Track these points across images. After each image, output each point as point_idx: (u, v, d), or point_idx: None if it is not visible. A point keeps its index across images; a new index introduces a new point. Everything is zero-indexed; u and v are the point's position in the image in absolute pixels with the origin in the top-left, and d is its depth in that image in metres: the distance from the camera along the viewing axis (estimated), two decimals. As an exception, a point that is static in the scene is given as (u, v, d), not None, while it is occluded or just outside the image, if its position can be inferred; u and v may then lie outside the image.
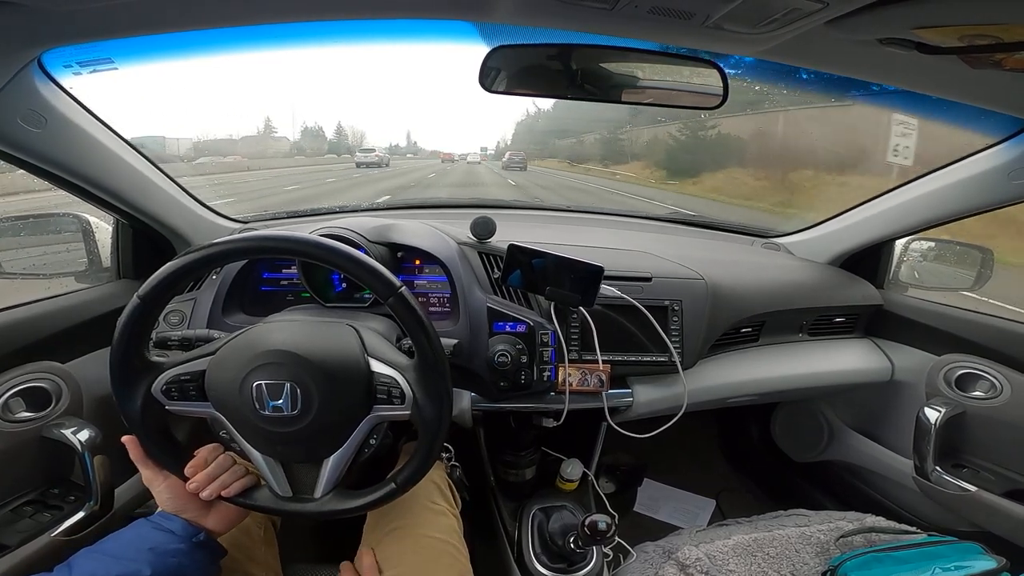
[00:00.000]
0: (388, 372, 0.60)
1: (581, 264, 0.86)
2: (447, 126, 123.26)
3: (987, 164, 0.97)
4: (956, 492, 0.99)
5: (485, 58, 0.71)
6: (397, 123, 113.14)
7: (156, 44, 0.69)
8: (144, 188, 0.95)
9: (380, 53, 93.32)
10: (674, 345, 0.95)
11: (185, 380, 0.60)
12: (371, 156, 20.54)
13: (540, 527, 0.97)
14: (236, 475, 0.63)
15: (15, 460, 0.74)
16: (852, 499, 1.34)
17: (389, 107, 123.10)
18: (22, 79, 0.68)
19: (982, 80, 0.67)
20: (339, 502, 0.63)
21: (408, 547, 0.72)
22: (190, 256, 0.57)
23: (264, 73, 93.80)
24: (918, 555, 0.78)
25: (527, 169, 19.46)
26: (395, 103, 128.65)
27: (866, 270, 1.29)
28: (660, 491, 1.60)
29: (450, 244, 0.95)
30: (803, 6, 0.52)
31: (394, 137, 68.53)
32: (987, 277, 1.19)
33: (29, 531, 0.70)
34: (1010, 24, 0.51)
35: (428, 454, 0.62)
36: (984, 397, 1.04)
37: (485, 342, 0.89)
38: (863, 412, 1.32)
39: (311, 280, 0.88)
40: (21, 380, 0.76)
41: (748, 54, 0.68)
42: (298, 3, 0.63)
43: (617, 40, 0.69)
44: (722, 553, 0.84)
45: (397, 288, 0.57)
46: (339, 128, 43.68)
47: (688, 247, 1.28)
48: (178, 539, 0.58)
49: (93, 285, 0.98)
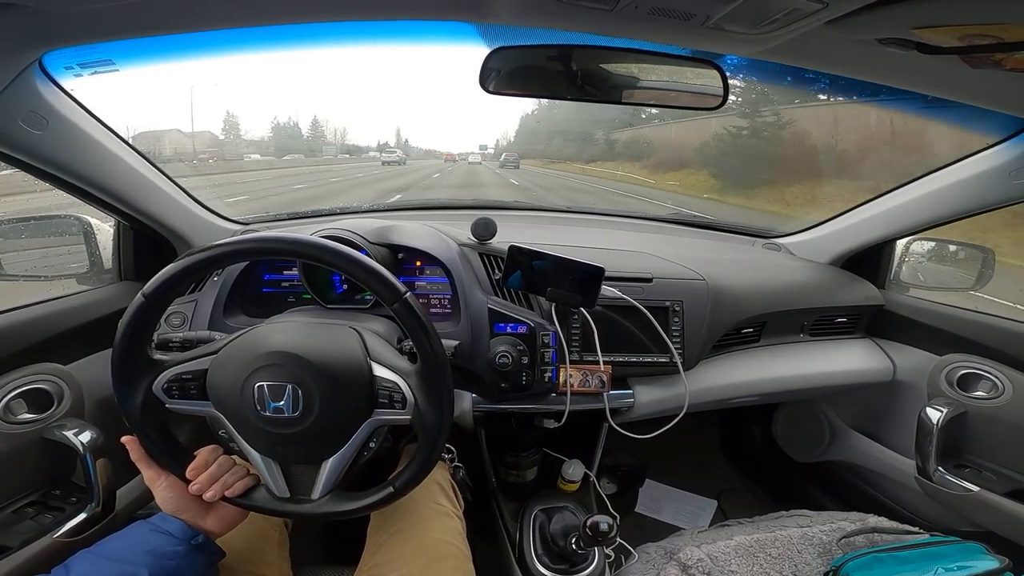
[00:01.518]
0: (390, 376, 0.60)
1: (582, 265, 0.86)
2: (447, 126, 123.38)
3: (988, 164, 0.97)
4: (958, 492, 0.99)
5: (485, 59, 0.71)
6: (397, 124, 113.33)
7: (157, 46, 0.69)
8: (145, 190, 0.95)
9: (379, 54, 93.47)
10: (675, 346, 0.95)
11: (186, 379, 0.60)
12: (393, 156, 27.17)
13: (541, 528, 0.97)
14: (238, 475, 0.63)
15: (17, 461, 0.74)
16: (854, 499, 1.34)
17: (388, 107, 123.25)
18: (23, 81, 0.68)
19: (982, 80, 0.67)
20: (337, 504, 0.62)
21: (413, 549, 0.72)
22: (196, 256, 0.57)
23: (262, 73, 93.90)
24: (920, 555, 0.78)
25: (519, 167, 22.57)
26: (394, 104, 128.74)
27: (867, 270, 1.29)
28: (662, 492, 1.59)
29: (451, 245, 0.95)
30: (803, 6, 0.52)
31: (394, 137, 69.16)
32: (988, 277, 1.18)
33: (31, 532, 0.71)
34: (1010, 24, 0.51)
35: (428, 458, 0.61)
36: (986, 397, 1.04)
37: (486, 343, 0.89)
38: (865, 412, 1.32)
39: (312, 282, 0.88)
40: (23, 382, 0.76)
41: (748, 54, 0.68)
42: (298, 5, 0.63)
43: (617, 41, 0.69)
44: (724, 554, 0.84)
45: (403, 294, 0.57)
46: (338, 129, 44.14)
47: (689, 247, 1.28)
48: (176, 541, 0.58)
49: (94, 287, 0.98)
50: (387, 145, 39.25)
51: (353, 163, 25.59)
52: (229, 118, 49.27)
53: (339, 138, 40.29)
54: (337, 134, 42.35)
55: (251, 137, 35.39)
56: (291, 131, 38.95)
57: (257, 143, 32.18)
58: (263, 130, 47.01)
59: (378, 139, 56.54)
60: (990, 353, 1.07)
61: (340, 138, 40.58)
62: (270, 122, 52.54)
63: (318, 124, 42.07)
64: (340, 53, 40.43)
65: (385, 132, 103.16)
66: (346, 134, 42.35)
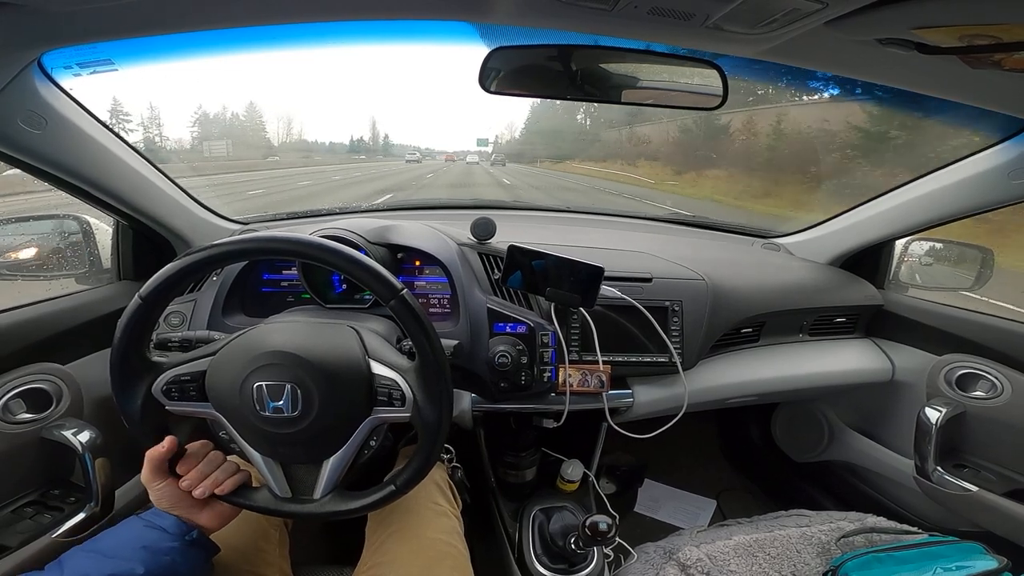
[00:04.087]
0: (389, 374, 0.60)
1: (581, 265, 0.86)
2: (447, 127, 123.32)
3: (987, 164, 0.97)
4: (957, 492, 0.99)
5: (485, 59, 0.71)
6: (397, 124, 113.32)
7: (156, 45, 0.69)
8: (144, 189, 0.95)
9: (380, 54, 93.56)
10: (674, 345, 0.95)
11: (185, 380, 0.59)
12: (415, 156, 35.80)
13: (541, 528, 0.97)
14: (228, 472, 0.63)
15: (15, 461, 0.74)
16: (853, 499, 1.34)
17: (386, 108, 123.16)
18: (22, 80, 0.67)
19: (982, 80, 0.67)
20: (339, 503, 0.62)
21: (411, 549, 0.72)
22: (194, 256, 0.56)
23: (262, 74, 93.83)
24: (919, 555, 0.78)
25: (506, 165, 28.17)
26: (395, 104, 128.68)
27: (866, 270, 1.29)
28: (661, 492, 1.60)
29: (450, 245, 0.95)
30: (802, 6, 0.52)
31: (395, 137, 69.27)
32: (987, 277, 1.18)
33: (30, 532, 0.70)
34: (1010, 24, 0.51)
35: (428, 456, 0.61)
36: (985, 397, 1.04)
37: (485, 343, 0.89)
38: (864, 412, 1.32)
39: (311, 281, 0.88)
40: (22, 381, 0.76)
41: (748, 54, 0.68)
42: (297, 4, 0.62)
43: (617, 41, 0.69)
44: (723, 553, 0.84)
45: (399, 291, 0.57)
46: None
47: (688, 247, 1.28)
48: (170, 537, 0.57)
49: (93, 286, 0.98)
50: (407, 147, 46.09)
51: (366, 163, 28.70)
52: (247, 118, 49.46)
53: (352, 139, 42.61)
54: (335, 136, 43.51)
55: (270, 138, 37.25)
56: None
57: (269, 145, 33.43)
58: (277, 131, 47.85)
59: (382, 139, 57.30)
60: (989, 353, 1.07)
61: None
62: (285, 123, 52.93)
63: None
64: (337, 54, 40.45)
65: (389, 133, 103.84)
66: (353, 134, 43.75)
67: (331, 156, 30.42)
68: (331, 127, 45.22)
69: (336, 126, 48.17)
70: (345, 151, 36.98)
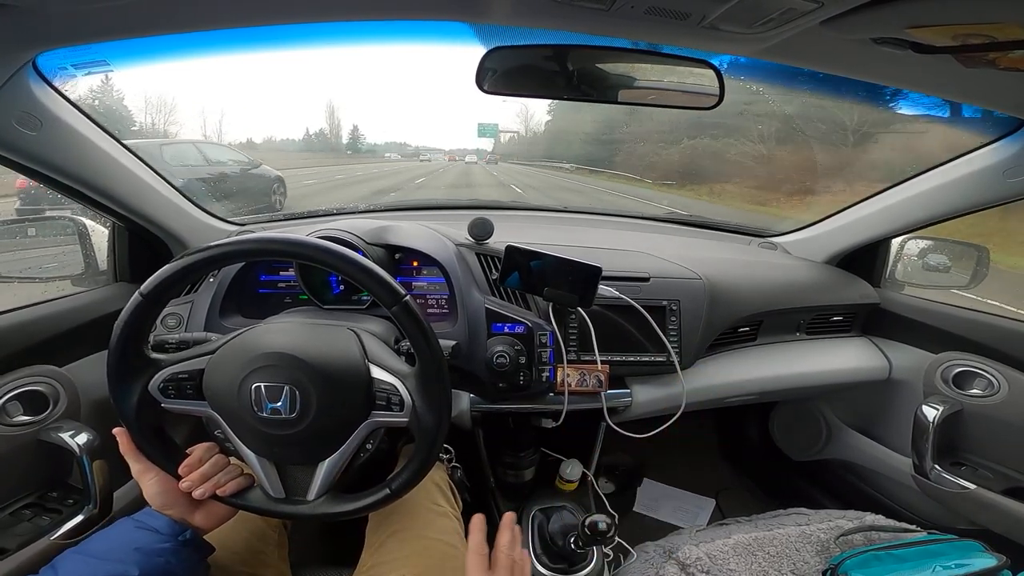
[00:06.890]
0: (388, 379, 0.60)
1: (579, 265, 0.86)
2: (450, 127, 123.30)
3: (982, 162, 0.98)
4: (955, 490, 0.99)
5: (482, 59, 0.71)
6: (397, 124, 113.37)
7: (151, 46, 0.69)
8: (140, 191, 0.95)
9: (379, 55, 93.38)
10: (672, 345, 0.96)
11: (183, 378, 0.59)
12: (427, 156, 36.05)
13: (540, 528, 0.97)
14: (231, 475, 0.63)
15: (13, 464, 0.73)
16: (851, 498, 1.35)
17: (387, 108, 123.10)
18: (17, 81, 0.67)
19: (977, 79, 0.67)
20: (332, 505, 0.62)
21: (411, 550, 0.72)
22: (194, 256, 0.56)
23: (261, 74, 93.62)
24: (918, 553, 0.78)
25: (498, 164, 29.33)
26: (395, 104, 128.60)
27: (863, 269, 1.29)
28: (660, 491, 1.60)
29: (448, 245, 0.95)
30: (798, 6, 0.52)
31: (396, 137, 69.43)
32: (983, 275, 1.19)
33: (28, 535, 0.70)
34: (1003, 23, 0.51)
35: (425, 461, 0.61)
36: (982, 395, 1.04)
37: (484, 343, 0.89)
38: (861, 411, 1.32)
39: (309, 282, 0.88)
40: (18, 384, 0.76)
41: (744, 54, 0.68)
42: (295, 5, 0.62)
43: (614, 41, 0.70)
44: (722, 552, 0.84)
45: (402, 296, 0.57)
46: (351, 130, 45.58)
47: (685, 247, 1.28)
48: (163, 538, 0.57)
49: (90, 288, 0.98)
50: (417, 147, 45.54)
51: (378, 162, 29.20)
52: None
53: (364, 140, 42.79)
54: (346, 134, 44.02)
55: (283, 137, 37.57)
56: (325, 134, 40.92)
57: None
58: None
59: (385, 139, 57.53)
60: (986, 351, 1.08)
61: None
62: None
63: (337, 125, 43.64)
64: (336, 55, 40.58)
65: (392, 134, 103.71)
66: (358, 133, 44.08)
67: (334, 156, 30.36)
68: (331, 127, 45.74)
69: (336, 126, 48.63)
70: (350, 151, 36.79)
